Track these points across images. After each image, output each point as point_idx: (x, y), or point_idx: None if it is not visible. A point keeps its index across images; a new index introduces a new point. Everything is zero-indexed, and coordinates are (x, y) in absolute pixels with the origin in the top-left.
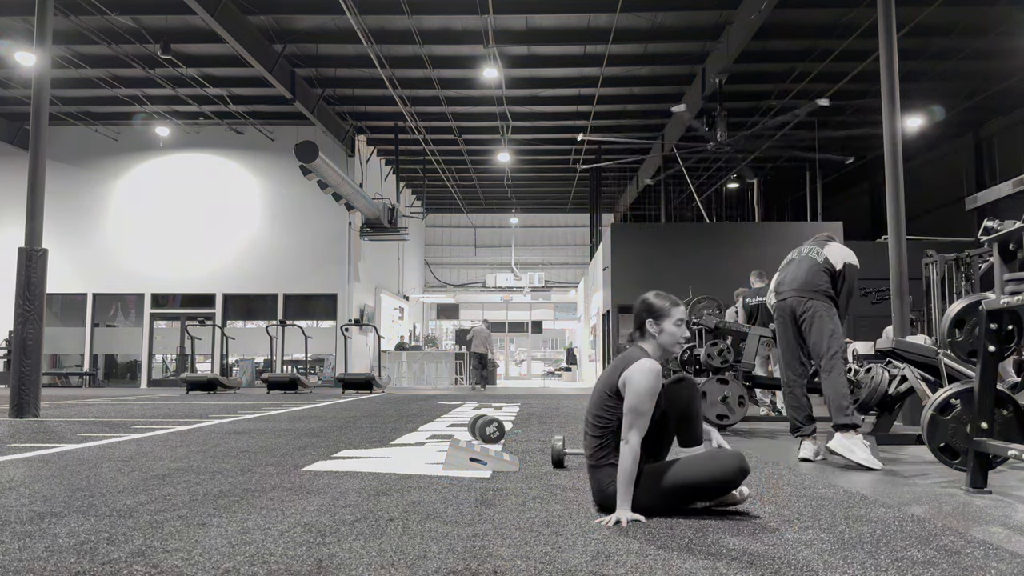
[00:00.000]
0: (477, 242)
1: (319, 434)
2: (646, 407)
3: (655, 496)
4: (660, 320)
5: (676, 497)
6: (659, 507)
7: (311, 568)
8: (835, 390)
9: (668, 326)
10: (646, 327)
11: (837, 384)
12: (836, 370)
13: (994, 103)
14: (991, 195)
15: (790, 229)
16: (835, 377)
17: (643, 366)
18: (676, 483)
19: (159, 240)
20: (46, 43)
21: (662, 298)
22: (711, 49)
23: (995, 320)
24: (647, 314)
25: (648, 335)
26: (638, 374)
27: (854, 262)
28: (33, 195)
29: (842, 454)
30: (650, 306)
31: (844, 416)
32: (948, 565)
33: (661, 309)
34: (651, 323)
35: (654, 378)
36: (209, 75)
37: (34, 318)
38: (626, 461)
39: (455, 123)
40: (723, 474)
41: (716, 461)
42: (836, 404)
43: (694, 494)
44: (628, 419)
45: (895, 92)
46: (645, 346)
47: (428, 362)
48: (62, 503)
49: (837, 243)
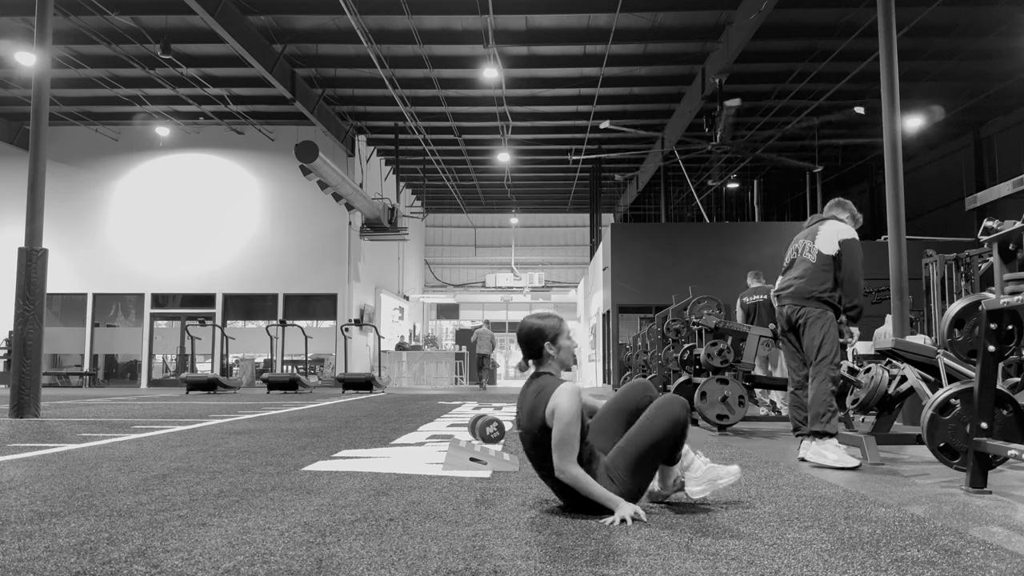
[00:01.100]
0: (477, 242)
1: (319, 434)
2: (573, 430)
3: (630, 479)
4: (556, 339)
5: (650, 466)
6: (639, 486)
7: (311, 568)
8: (815, 397)
9: (563, 342)
10: (544, 350)
11: (818, 391)
12: (820, 376)
13: (994, 103)
14: (991, 195)
15: (790, 229)
16: (817, 384)
17: (566, 389)
18: (642, 453)
19: (159, 240)
20: (46, 43)
21: (548, 318)
22: (711, 49)
23: (995, 320)
24: (542, 338)
25: (547, 357)
26: (565, 401)
27: (849, 236)
28: (33, 195)
29: (814, 460)
30: (542, 329)
31: (819, 423)
32: (948, 565)
33: (554, 328)
34: (549, 345)
35: (577, 399)
36: (209, 75)
37: (34, 318)
38: (583, 486)
39: (455, 123)
40: (677, 419)
41: (662, 410)
42: (814, 411)
43: (661, 450)
44: (559, 452)
45: (895, 92)
46: (549, 370)
47: (428, 362)
48: (62, 503)
49: (831, 220)
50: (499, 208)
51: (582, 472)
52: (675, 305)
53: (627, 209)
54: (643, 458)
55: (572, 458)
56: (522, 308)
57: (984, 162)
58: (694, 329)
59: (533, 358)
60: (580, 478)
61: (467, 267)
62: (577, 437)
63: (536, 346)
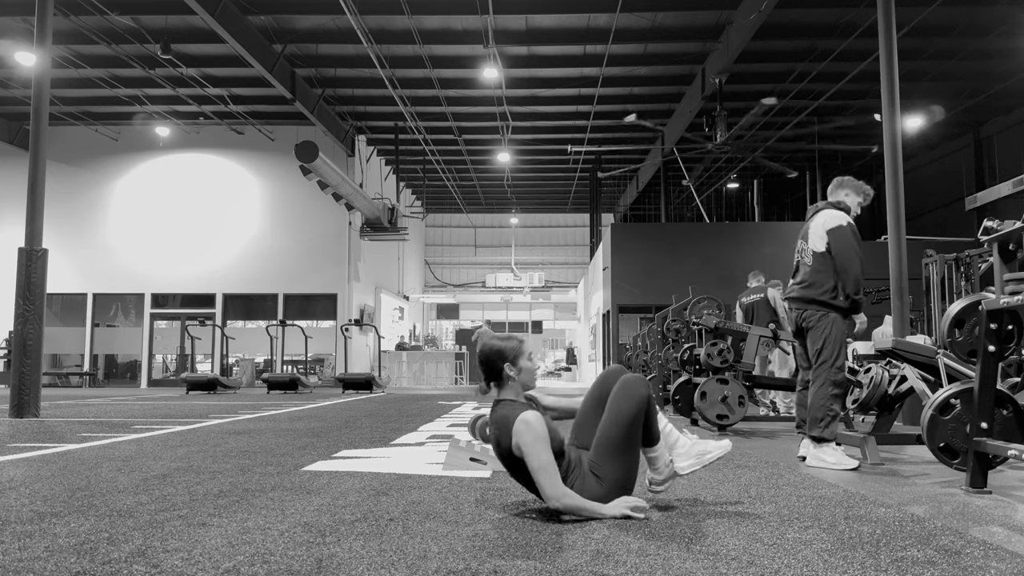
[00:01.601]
0: (477, 242)
1: (319, 434)
2: (546, 457)
3: (613, 471)
4: (516, 360)
5: (629, 453)
6: (626, 475)
7: (311, 568)
8: (813, 401)
9: (524, 363)
10: (505, 372)
11: (816, 396)
12: (820, 381)
13: (994, 103)
14: (991, 195)
15: (790, 229)
16: (815, 388)
17: (524, 421)
18: (616, 442)
19: (159, 240)
20: (46, 43)
21: (507, 338)
22: (711, 49)
23: (995, 320)
24: (502, 360)
25: (507, 379)
26: (526, 434)
27: (835, 224)
28: (33, 195)
29: (814, 464)
30: (501, 351)
31: (817, 428)
32: (948, 565)
33: (515, 350)
34: (509, 367)
35: (540, 426)
36: (209, 75)
37: (34, 318)
38: (576, 511)
39: (455, 123)
40: (639, 396)
41: (622, 393)
42: (812, 415)
43: (634, 434)
44: (541, 479)
45: (895, 92)
46: (508, 394)
47: (428, 362)
48: (62, 503)
49: (823, 211)
50: (499, 208)
51: (570, 496)
52: (675, 305)
53: (627, 209)
54: (619, 446)
55: (556, 481)
56: (522, 308)
57: (984, 162)
58: (694, 329)
59: (494, 380)
60: (571, 505)
61: (467, 267)
62: (552, 462)
63: (496, 367)
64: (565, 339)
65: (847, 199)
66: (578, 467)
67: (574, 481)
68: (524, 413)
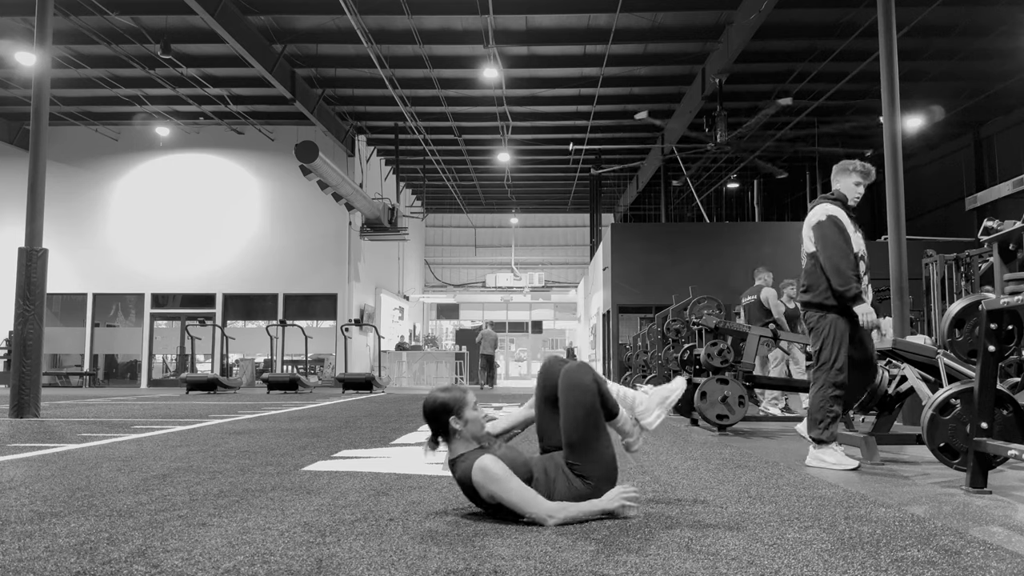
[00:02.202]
0: (477, 242)
1: (319, 434)
2: (516, 489)
3: (592, 465)
4: (462, 411)
5: (599, 440)
6: (605, 460)
7: (311, 568)
8: (812, 403)
9: (469, 413)
10: (451, 425)
11: (815, 398)
12: (818, 382)
13: (994, 103)
14: (991, 195)
15: (790, 229)
16: (814, 390)
17: (481, 470)
18: (583, 437)
19: (159, 240)
20: (46, 43)
21: (450, 390)
22: (711, 49)
23: (995, 320)
24: (447, 413)
25: (454, 433)
26: (488, 483)
27: (816, 219)
28: (33, 195)
29: (816, 466)
30: (446, 403)
31: (816, 430)
32: (948, 565)
33: (458, 400)
34: (455, 420)
35: (496, 466)
36: (209, 75)
37: (34, 318)
38: (572, 519)
39: (455, 123)
40: (587, 385)
41: (573, 386)
42: (811, 417)
43: (596, 419)
44: (526, 510)
45: (895, 92)
46: (459, 448)
47: (428, 362)
48: (62, 503)
49: (812, 210)
50: (499, 208)
51: (560, 508)
52: (675, 305)
53: (627, 209)
54: (590, 438)
55: (540, 503)
56: (522, 308)
57: (984, 162)
58: (694, 329)
59: (442, 435)
60: (567, 516)
61: (467, 267)
62: (525, 490)
63: (442, 421)
64: (565, 339)
65: (839, 186)
66: (558, 474)
67: (561, 490)
68: (476, 463)
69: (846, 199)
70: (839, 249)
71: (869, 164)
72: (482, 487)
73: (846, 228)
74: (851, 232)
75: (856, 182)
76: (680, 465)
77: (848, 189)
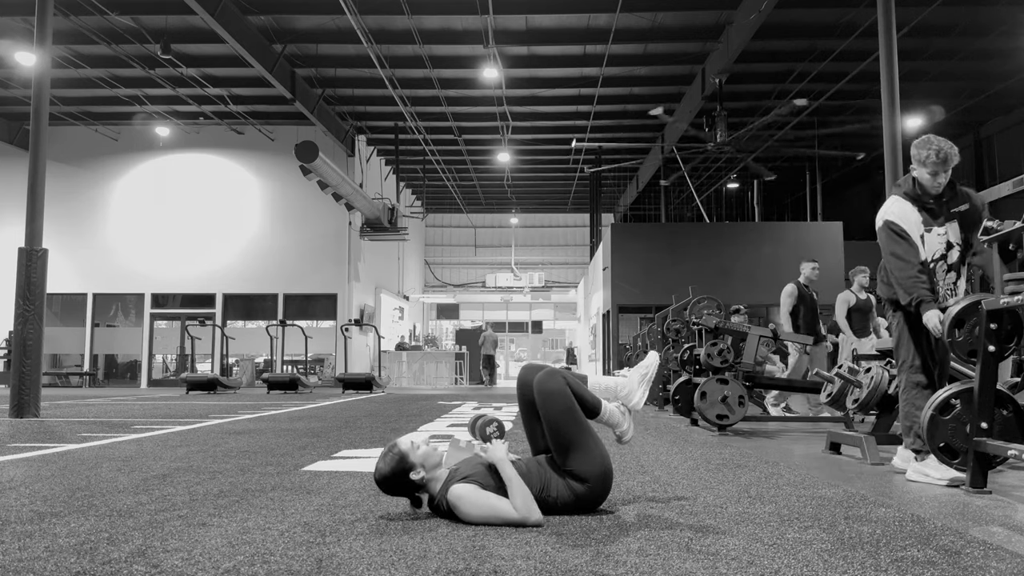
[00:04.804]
0: (477, 242)
1: (319, 434)
2: (486, 506)
3: (587, 464)
4: (410, 462)
5: (588, 439)
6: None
7: (311, 568)
8: (900, 409)
9: (417, 455)
10: (415, 480)
11: (902, 403)
12: (902, 385)
13: (994, 103)
14: (991, 195)
15: (790, 229)
16: (901, 395)
17: (456, 498)
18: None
19: (159, 240)
20: (46, 43)
21: (385, 456)
22: (711, 49)
23: (995, 320)
24: (404, 474)
25: (422, 482)
26: (465, 508)
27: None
28: (33, 195)
29: (918, 480)
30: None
31: (909, 437)
32: (948, 565)
33: (402, 455)
34: (414, 472)
35: (464, 489)
36: (209, 75)
37: (34, 318)
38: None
39: (455, 123)
40: (559, 391)
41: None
42: (903, 425)
43: (579, 421)
44: (507, 519)
45: (895, 92)
46: (433, 487)
47: (428, 362)
48: (62, 503)
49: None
50: (499, 208)
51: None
52: (675, 305)
53: (627, 209)
54: (578, 439)
55: (510, 512)
56: (522, 308)
57: (984, 162)
58: (694, 329)
59: (416, 492)
60: (523, 500)
61: (467, 267)
62: (494, 501)
63: (407, 484)
64: (565, 339)
65: (915, 174)
66: (551, 480)
67: (556, 495)
68: (449, 498)
69: (921, 192)
70: (895, 260)
71: (947, 146)
72: (465, 514)
73: (907, 233)
74: (917, 234)
75: (928, 173)
76: (680, 465)
77: (923, 179)
